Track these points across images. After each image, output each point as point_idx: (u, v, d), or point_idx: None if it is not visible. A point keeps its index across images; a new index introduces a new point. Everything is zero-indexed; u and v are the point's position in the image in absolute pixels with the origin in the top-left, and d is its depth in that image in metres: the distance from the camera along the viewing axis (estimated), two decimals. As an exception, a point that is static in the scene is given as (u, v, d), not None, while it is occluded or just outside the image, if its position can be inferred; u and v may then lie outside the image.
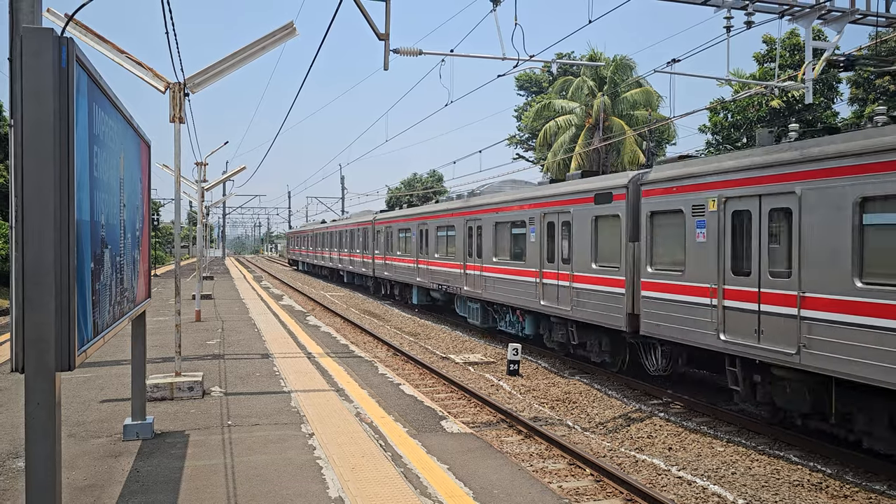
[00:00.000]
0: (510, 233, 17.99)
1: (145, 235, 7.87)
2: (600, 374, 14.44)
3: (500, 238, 18.54)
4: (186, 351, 13.76)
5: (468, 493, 6.44)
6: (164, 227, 77.38)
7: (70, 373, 4.47)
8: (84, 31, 9.72)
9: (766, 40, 29.66)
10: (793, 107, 28.02)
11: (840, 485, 8.29)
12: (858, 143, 8.37)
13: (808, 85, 12.92)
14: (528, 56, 13.77)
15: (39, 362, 3.97)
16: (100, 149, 5.07)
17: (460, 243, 21.33)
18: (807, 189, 9.01)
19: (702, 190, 10.96)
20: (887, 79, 26.41)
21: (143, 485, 6.50)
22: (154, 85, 10.37)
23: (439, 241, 23.49)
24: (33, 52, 3.89)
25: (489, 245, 19.06)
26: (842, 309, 8.45)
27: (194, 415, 9.18)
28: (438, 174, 69.53)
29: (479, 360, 16.36)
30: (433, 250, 23.94)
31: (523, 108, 51.60)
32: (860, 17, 12.28)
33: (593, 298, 13.89)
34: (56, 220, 3.97)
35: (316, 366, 12.98)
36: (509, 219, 17.94)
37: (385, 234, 30.52)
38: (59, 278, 3.99)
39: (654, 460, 9.14)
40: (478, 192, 21.60)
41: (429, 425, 9.02)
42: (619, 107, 35.59)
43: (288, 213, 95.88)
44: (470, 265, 20.48)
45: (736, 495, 7.88)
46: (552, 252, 15.67)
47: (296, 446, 7.76)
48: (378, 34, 11.42)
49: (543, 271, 15.93)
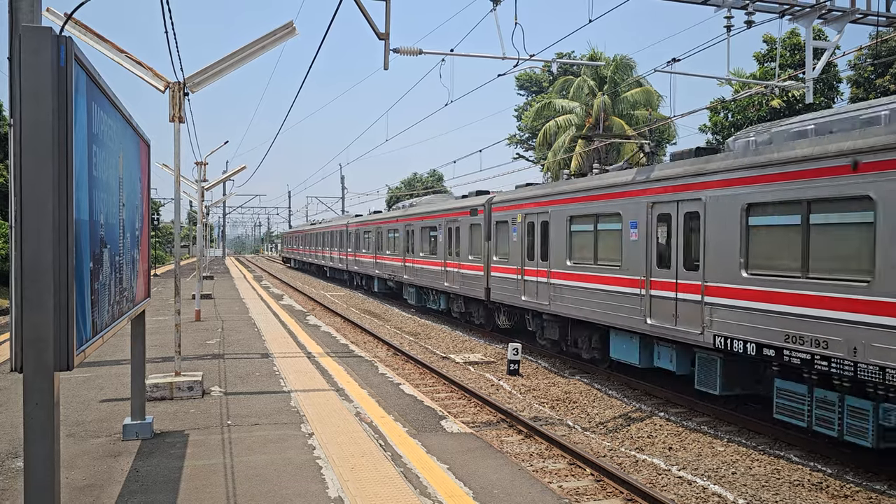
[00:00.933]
0: (429, 235, 24.78)
1: (145, 235, 7.86)
2: (600, 374, 14.45)
3: (424, 239, 25.21)
4: (186, 350, 13.75)
5: (468, 493, 6.43)
6: (164, 226, 77.39)
7: (69, 372, 4.46)
8: (83, 31, 9.71)
9: (767, 40, 29.63)
10: (793, 106, 28.01)
11: (840, 484, 8.28)
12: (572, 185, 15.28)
13: (809, 84, 12.90)
14: (529, 56, 13.77)
15: (38, 362, 3.96)
16: (99, 148, 5.06)
17: (402, 243, 27.79)
18: (553, 211, 15.82)
19: (514, 209, 17.82)
20: (888, 78, 26.39)
21: (143, 484, 6.50)
22: (154, 84, 10.36)
23: (390, 241, 29.90)
24: (32, 51, 3.88)
25: (418, 244, 25.60)
26: (562, 277, 15.19)
27: (194, 414, 9.17)
28: (439, 174, 69.53)
29: (479, 360, 16.35)
30: (386, 248, 30.30)
31: (523, 108, 51.60)
32: (860, 16, 12.26)
33: (470, 279, 20.72)
34: (54, 219, 3.96)
35: (316, 365, 12.97)
36: (428, 225, 24.79)
37: (355, 236, 36.96)
38: (58, 277, 3.98)
39: (655, 460, 9.13)
40: (415, 204, 27.88)
41: (429, 425, 9.01)
42: (619, 106, 35.56)
43: (288, 213, 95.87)
44: (408, 259, 26.80)
45: (736, 495, 7.87)
46: (451, 248, 22.30)
47: (295, 446, 7.75)
48: (378, 34, 11.41)
49: (447, 262, 22.56)
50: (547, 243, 15.95)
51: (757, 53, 30.17)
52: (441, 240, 22.81)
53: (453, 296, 22.45)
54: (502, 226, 18.47)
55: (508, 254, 17.88)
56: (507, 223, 18.06)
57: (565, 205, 15.22)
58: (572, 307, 14.72)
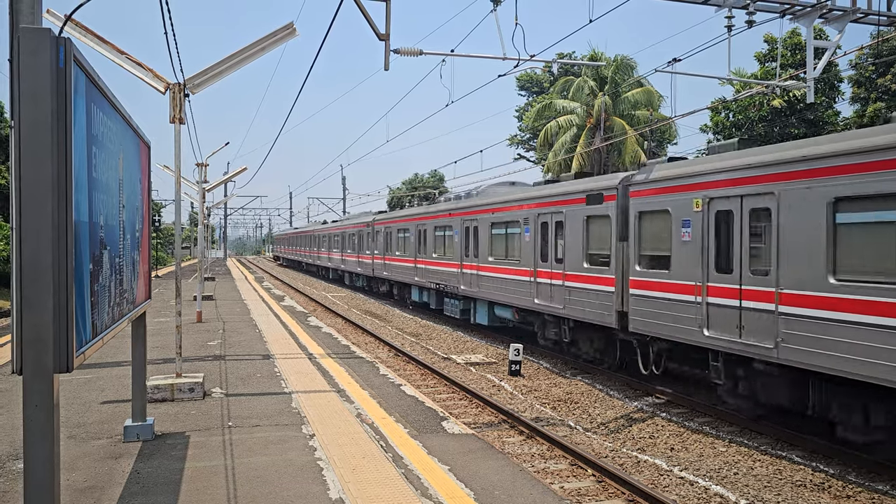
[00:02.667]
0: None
1: (145, 236, 7.85)
2: (602, 375, 14.42)
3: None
4: (187, 352, 13.74)
5: (469, 494, 6.42)
6: (166, 227, 77.44)
7: (70, 374, 4.45)
8: (83, 32, 9.71)
9: (768, 39, 29.61)
10: (794, 106, 27.96)
11: (843, 485, 8.26)
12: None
13: (810, 84, 12.88)
14: (529, 56, 13.75)
15: (37, 363, 3.95)
16: (98, 149, 5.06)
17: (357, 243, 35.58)
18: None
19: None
20: (889, 78, 26.34)
21: (144, 486, 6.49)
22: (154, 86, 10.35)
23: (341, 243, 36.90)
24: (30, 52, 3.88)
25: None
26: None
27: (195, 416, 9.16)
28: (440, 174, 69.50)
29: (480, 361, 16.33)
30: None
31: (524, 109, 51.57)
32: (861, 16, 12.23)
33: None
34: (54, 220, 3.95)
35: (317, 367, 12.96)
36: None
37: (327, 237, 46.25)
38: (57, 279, 3.97)
39: (656, 461, 9.11)
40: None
41: (430, 426, 9.00)
42: (620, 107, 35.54)
43: (289, 214, 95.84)
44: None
45: (738, 496, 7.84)
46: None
47: (296, 447, 7.74)
48: (378, 34, 11.40)
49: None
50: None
51: (758, 53, 30.16)
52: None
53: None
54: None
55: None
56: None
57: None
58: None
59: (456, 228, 21.65)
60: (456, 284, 21.41)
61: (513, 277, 17.26)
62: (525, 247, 16.62)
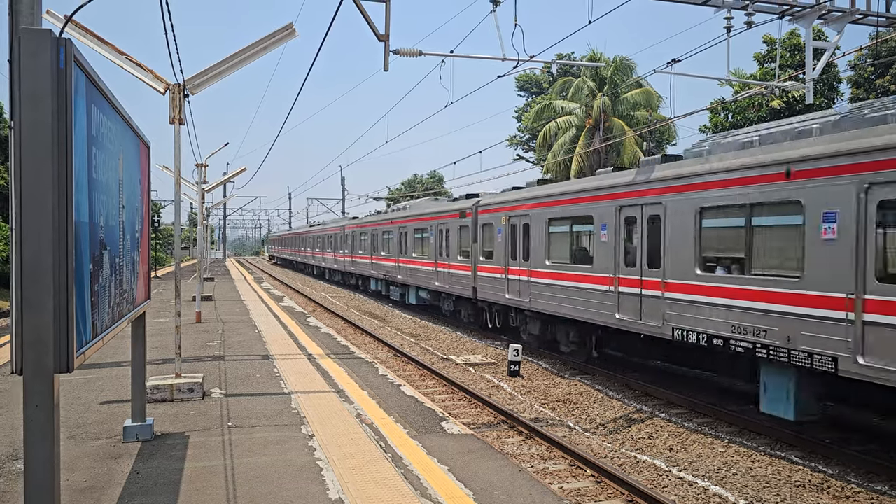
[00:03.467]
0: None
1: (145, 237, 7.86)
2: (601, 375, 14.44)
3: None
4: (187, 352, 13.75)
5: (469, 495, 6.43)
6: (165, 228, 77.43)
7: (69, 374, 4.45)
8: (83, 33, 9.72)
9: (767, 40, 29.62)
10: (793, 107, 28.00)
11: (842, 485, 8.27)
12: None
13: (809, 85, 12.89)
14: (528, 57, 13.76)
15: (38, 364, 3.96)
16: (98, 150, 5.06)
17: (334, 243, 40.37)
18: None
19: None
20: (888, 79, 26.38)
21: (143, 486, 6.49)
22: (154, 86, 10.36)
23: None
24: (31, 53, 3.88)
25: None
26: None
27: (194, 416, 9.17)
28: (439, 175, 69.60)
29: (479, 361, 16.34)
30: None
31: (523, 109, 51.60)
32: (860, 17, 12.25)
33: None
34: (54, 221, 3.95)
35: (316, 367, 12.97)
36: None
37: (311, 238, 52.33)
38: (58, 279, 3.98)
39: (656, 461, 9.12)
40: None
41: (429, 426, 9.01)
42: (619, 107, 35.56)
43: (289, 215, 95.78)
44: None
45: (737, 496, 7.86)
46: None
47: (296, 448, 7.74)
48: (378, 35, 11.41)
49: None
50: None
51: (757, 54, 30.16)
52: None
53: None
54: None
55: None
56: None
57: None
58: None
59: (394, 233, 28.99)
60: (395, 275, 28.79)
61: (425, 268, 24.93)
62: (430, 246, 24.27)
